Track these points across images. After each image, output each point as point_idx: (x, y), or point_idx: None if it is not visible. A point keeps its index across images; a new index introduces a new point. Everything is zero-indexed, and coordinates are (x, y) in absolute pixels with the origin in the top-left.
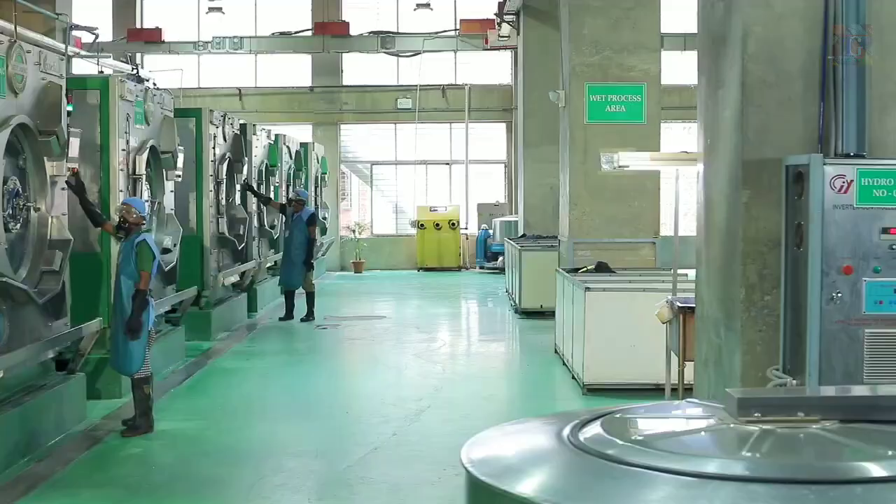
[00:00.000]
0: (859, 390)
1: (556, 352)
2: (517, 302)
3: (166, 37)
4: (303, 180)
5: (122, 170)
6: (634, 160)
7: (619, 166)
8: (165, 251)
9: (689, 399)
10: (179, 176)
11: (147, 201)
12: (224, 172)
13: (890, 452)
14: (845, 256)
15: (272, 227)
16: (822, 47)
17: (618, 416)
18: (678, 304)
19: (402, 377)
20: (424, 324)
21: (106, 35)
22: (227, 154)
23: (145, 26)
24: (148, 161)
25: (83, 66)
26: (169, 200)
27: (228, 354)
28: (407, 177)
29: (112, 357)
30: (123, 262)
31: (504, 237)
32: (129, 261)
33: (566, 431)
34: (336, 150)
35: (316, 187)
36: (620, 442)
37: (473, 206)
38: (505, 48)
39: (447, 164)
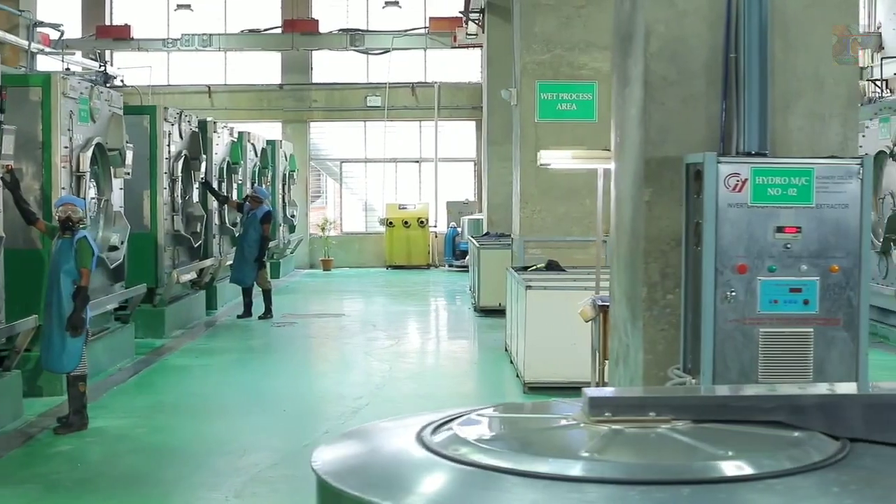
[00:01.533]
0: (750, 390)
1: (505, 350)
2: (476, 300)
3: (135, 34)
4: (269, 178)
5: (64, 167)
6: (556, 158)
7: (542, 164)
8: (112, 248)
9: (559, 398)
10: (128, 173)
11: (93, 198)
12: (180, 170)
13: (730, 453)
14: (740, 255)
15: (234, 224)
16: (724, 45)
17: (477, 415)
18: (599, 302)
19: (348, 375)
20: (382, 322)
21: (75, 32)
22: (184, 152)
23: (115, 23)
24: (95, 158)
25: (49, 63)
26: (117, 198)
27: (179, 352)
28: (376, 175)
29: (44, 355)
30: (62, 259)
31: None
32: (69, 258)
33: (421, 433)
34: (305, 147)
35: (284, 185)
36: (464, 442)
37: (443, 204)
38: (472, 46)
39: (417, 161)
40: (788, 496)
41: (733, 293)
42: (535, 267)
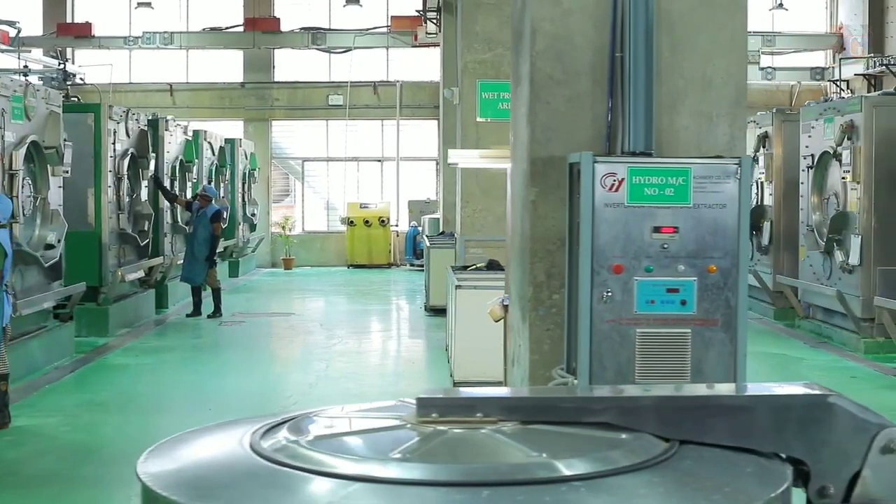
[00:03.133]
0: (625, 390)
1: (446, 349)
2: (426, 299)
3: (97, 31)
4: (227, 177)
5: None
6: (464, 158)
7: (450, 164)
8: (49, 247)
9: (402, 399)
10: (67, 172)
11: (28, 197)
12: (126, 168)
13: (544, 455)
14: (616, 255)
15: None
16: (610, 44)
17: (312, 416)
18: (505, 302)
19: (283, 374)
20: (330, 321)
21: (36, 30)
22: (131, 150)
23: (76, 21)
24: (31, 157)
25: (6, 61)
26: (55, 196)
27: (120, 351)
28: (338, 173)
29: None
30: None
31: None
32: None
33: (250, 435)
34: (267, 146)
35: (244, 184)
36: (285, 443)
37: (405, 203)
38: (433, 45)
39: (379, 160)
40: (593, 497)
41: (610, 293)
42: (474, 266)
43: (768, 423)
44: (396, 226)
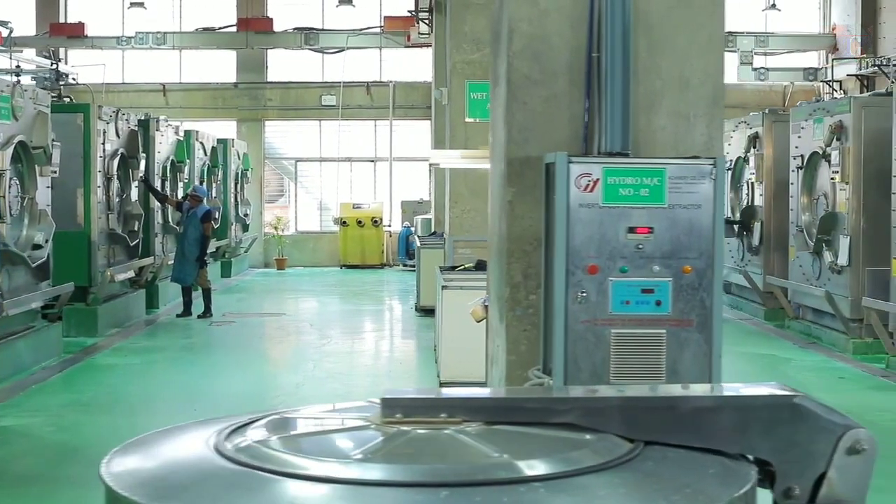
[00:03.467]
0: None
1: (434, 350)
2: (417, 299)
3: (89, 31)
4: (219, 177)
5: None
6: (445, 158)
7: (430, 164)
8: (36, 247)
9: (371, 399)
10: (55, 172)
11: (16, 196)
12: (115, 168)
13: (506, 455)
14: (591, 256)
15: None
16: (587, 44)
17: (280, 416)
18: (486, 302)
19: (271, 374)
20: (321, 321)
21: (29, 30)
22: (121, 150)
23: (69, 21)
24: (18, 157)
25: None
26: (43, 196)
27: (109, 351)
28: (331, 174)
29: None
30: None
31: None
32: None
33: (216, 436)
34: (260, 146)
35: (237, 184)
36: (248, 444)
37: (398, 203)
38: (425, 45)
39: (372, 161)
40: (552, 498)
41: (584, 294)
42: (463, 266)
43: (733, 424)
44: (389, 226)
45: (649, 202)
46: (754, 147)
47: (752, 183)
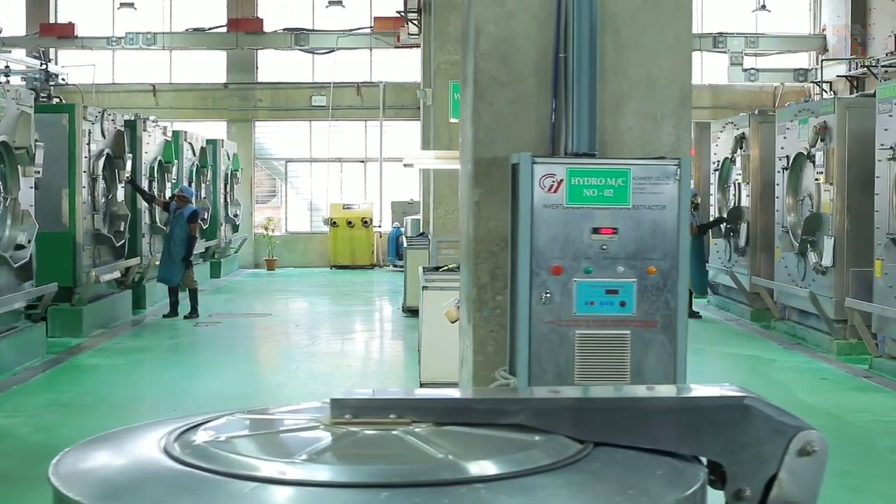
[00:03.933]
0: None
1: (418, 350)
2: (403, 300)
3: (79, 32)
4: (208, 177)
5: None
6: (419, 159)
7: (406, 165)
8: (19, 247)
9: (324, 399)
10: (38, 172)
11: None
12: (101, 169)
13: (450, 456)
14: (555, 256)
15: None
16: (554, 45)
17: (233, 417)
18: (458, 303)
19: (253, 374)
20: (307, 321)
21: (19, 30)
22: (106, 150)
23: (59, 21)
24: (1, 157)
25: None
26: (26, 196)
27: (93, 351)
28: (321, 174)
29: None
30: None
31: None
32: None
33: (166, 437)
34: (250, 147)
35: (226, 185)
36: (196, 445)
37: (388, 203)
38: (415, 46)
39: (362, 161)
40: (492, 498)
41: (549, 294)
42: (447, 267)
43: (684, 426)
44: (379, 227)
45: (613, 203)
46: (741, 148)
47: (739, 184)
